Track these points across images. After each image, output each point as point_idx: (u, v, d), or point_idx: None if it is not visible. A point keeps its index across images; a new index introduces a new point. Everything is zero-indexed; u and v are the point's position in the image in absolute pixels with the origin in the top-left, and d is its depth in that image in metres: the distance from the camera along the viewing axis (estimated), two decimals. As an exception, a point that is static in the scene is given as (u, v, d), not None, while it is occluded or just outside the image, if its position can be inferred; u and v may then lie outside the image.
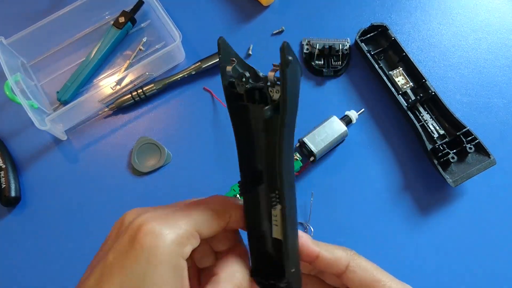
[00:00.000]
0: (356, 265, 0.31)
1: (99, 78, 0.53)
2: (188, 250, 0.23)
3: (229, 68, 0.24)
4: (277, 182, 0.25)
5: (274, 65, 0.22)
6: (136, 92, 0.50)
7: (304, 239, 0.30)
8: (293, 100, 0.22)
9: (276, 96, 0.23)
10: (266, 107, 0.23)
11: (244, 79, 0.24)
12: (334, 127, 0.46)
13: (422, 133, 0.46)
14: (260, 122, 0.26)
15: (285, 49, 0.20)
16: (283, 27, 0.54)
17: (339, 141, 0.47)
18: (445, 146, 0.45)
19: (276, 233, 0.27)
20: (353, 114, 0.48)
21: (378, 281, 0.30)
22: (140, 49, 0.54)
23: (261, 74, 0.24)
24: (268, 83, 0.23)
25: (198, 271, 0.28)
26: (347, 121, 0.47)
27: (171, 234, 0.22)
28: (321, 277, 0.33)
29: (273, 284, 0.27)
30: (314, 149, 0.45)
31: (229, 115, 0.26)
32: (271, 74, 0.23)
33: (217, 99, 0.51)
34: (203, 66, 0.51)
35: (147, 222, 0.23)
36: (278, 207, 0.26)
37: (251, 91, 0.24)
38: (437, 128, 0.47)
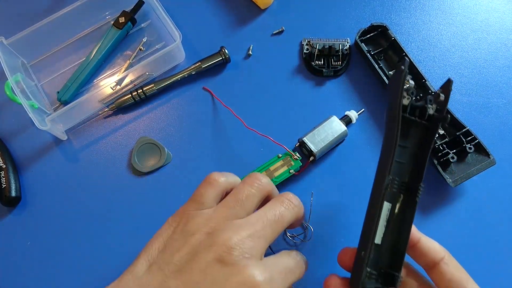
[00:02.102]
0: (450, 260, 0.33)
1: (99, 78, 0.53)
2: None
3: (410, 82, 0.33)
4: (422, 177, 0.32)
5: (439, 90, 0.34)
6: (136, 92, 0.50)
7: None
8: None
9: (431, 111, 0.33)
10: (431, 106, 0.33)
11: (412, 93, 0.32)
12: (334, 127, 0.46)
13: (422, 133, 0.46)
14: (408, 131, 0.33)
15: (450, 82, 0.33)
16: (283, 27, 0.54)
17: (339, 141, 0.47)
18: (444, 146, 0.45)
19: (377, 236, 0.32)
20: (353, 114, 0.48)
21: (467, 281, 0.33)
22: (140, 49, 0.54)
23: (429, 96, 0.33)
24: (429, 101, 0.33)
25: None
26: (347, 121, 0.47)
27: None
28: None
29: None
30: (313, 148, 0.45)
31: (395, 119, 0.32)
32: (439, 94, 0.33)
33: (217, 99, 0.51)
34: (203, 66, 0.51)
35: (262, 282, 0.26)
36: (388, 206, 0.33)
37: (412, 107, 0.33)
38: (437, 128, 0.47)
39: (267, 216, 0.30)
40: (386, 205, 0.33)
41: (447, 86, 0.33)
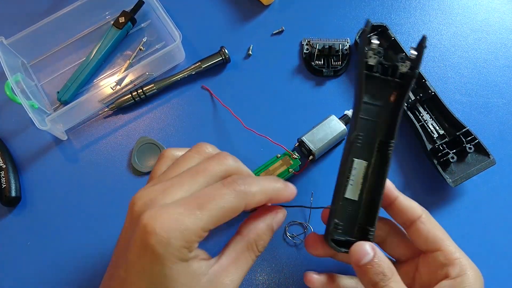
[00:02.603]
0: (428, 219, 0.34)
1: (99, 78, 0.53)
2: (196, 244, 0.25)
3: (374, 42, 0.33)
4: (394, 134, 0.33)
5: (412, 47, 0.33)
6: (136, 92, 0.50)
7: (387, 183, 0.34)
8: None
9: (404, 69, 0.33)
10: (404, 64, 0.33)
11: (379, 52, 0.33)
12: (333, 126, 0.46)
13: (422, 133, 0.46)
14: (378, 92, 0.34)
15: (425, 39, 0.32)
16: (283, 27, 0.54)
17: (338, 140, 0.47)
18: (444, 146, 0.45)
19: (352, 192, 0.34)
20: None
21: (442, 239, 0.33)
22: (140, 49, 0.54)
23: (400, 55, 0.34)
24: (400, 59, 0.33)
25: None
26: (346, 120, 0.47)
27: (180, 241, 0.24)
28: (382, 247, 0.36)
29: (349, 241, 0.32)
30: (312, 147, 0.45)
31: (362, 79, 0.32)
32: (413, 52, 0.33)
33: (216, 98, 0.51)
34: (203, 66, 0.51)
35: (156, 225, 0.23)
36: (364, 163, 0.34)
37: (382, 65, 0.33)
38: (437, 128, 0.47)
39: (187, 167, 0.28)
40: (363, 163, 0.34)
41: (421, 43, 0.33)
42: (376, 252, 0.30)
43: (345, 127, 0.46)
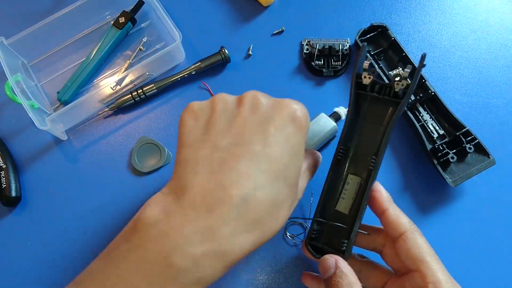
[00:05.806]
0: (411, 237, 0.33)
1: (99, 78, 0.53)
2: None
3: (366, 64, 0.34)
4: (378, 152, 0.34)
5: (407, 68, 0.33)
6: (136, 92, 0.51)
7: (380, 193, 0.35)
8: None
9: (398, 87, 0.33)
10: (400, 83, 0.33)
11: (373, 72, 0.34)
12: (323, 123, 0.46)
13: (422, 133, 0.46)
14: (375, 111, 0.35)
15: (423, 57, 0.34)
16: (283, 27, 0.54)
17: (330, 137, 0.47)
18: (444, 146, 0.45)
19: (343, 206, 0.35)
20: (342, 111, 0.48)
21: (423, 261, 0.32)
22: (140, 49, 0.54)
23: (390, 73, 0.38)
24: (396, 78, 0.33)
25: None
26: (336, 117, 0.47)
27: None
28: (380, 254, 0.36)
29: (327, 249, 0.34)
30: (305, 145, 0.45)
31: (352, 98, 0.35)
32: (406, 72, 0.33)
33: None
34: (203, 66, 0.51)
35: (300, 104, 0.32)
36: (357, 179, 0.35)
37: (377, 84, 0.35)
38: (437, 128, 0.47)
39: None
40: (357, 179, 0.35)
41: (421, 60, 0.34)
42: (338, 269, 0.30)
43: (335, 124, 0.46)
